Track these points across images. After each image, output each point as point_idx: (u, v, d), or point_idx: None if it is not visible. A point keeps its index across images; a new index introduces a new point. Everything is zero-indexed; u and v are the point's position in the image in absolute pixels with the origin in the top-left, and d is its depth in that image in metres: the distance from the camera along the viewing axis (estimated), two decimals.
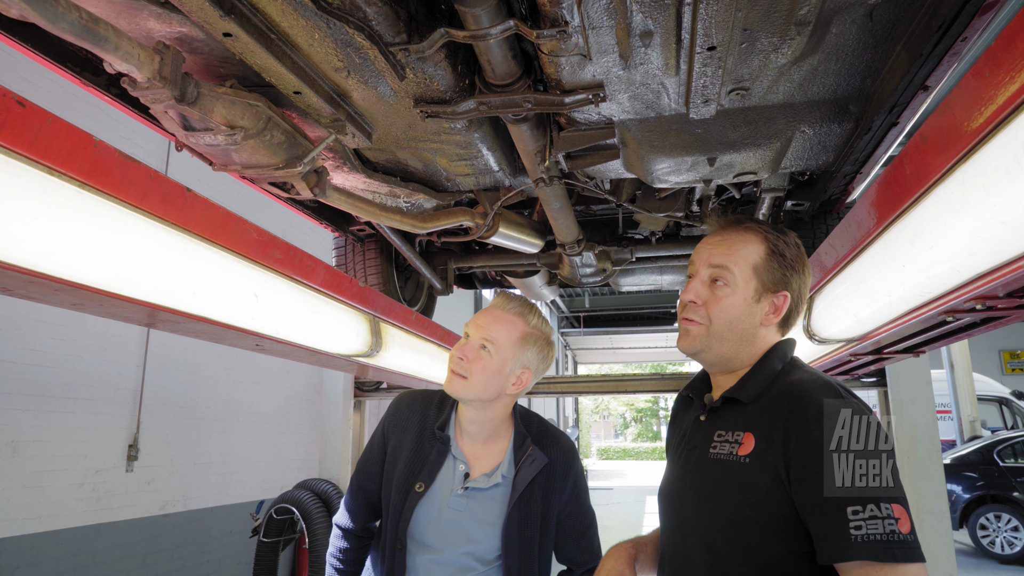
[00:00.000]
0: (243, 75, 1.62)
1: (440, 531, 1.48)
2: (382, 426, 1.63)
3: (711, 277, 1.22)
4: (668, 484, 1.31)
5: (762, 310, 1.21)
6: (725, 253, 1.22)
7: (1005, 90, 0.94)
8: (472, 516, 1.50)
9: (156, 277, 1.41)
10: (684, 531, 1.19)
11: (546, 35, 1.39)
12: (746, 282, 1.20)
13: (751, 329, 1.21)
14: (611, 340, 23.89)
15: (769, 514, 1.06)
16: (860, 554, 0.95)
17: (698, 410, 1.30)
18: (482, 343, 1.52)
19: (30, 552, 4.17)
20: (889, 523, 0.96)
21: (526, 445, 1.57)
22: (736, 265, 1.20)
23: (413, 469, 1.52)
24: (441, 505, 1.50)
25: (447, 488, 1.52)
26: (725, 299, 1.20)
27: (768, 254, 1.21)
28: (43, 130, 1.04)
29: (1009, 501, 8.57)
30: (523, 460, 1.54)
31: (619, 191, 2.61)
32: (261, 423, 6.64)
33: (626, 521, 13.10)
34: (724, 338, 1.21)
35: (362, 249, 3.13)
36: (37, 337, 4.32)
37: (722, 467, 1.14)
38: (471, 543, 1.49)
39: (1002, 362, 16.18)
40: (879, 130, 1.86)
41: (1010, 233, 1.06)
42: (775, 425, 1.09)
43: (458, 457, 1.55)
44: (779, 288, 1.22)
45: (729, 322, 1.20)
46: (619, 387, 3.89)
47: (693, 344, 1.23)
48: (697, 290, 1.23)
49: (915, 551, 0.96)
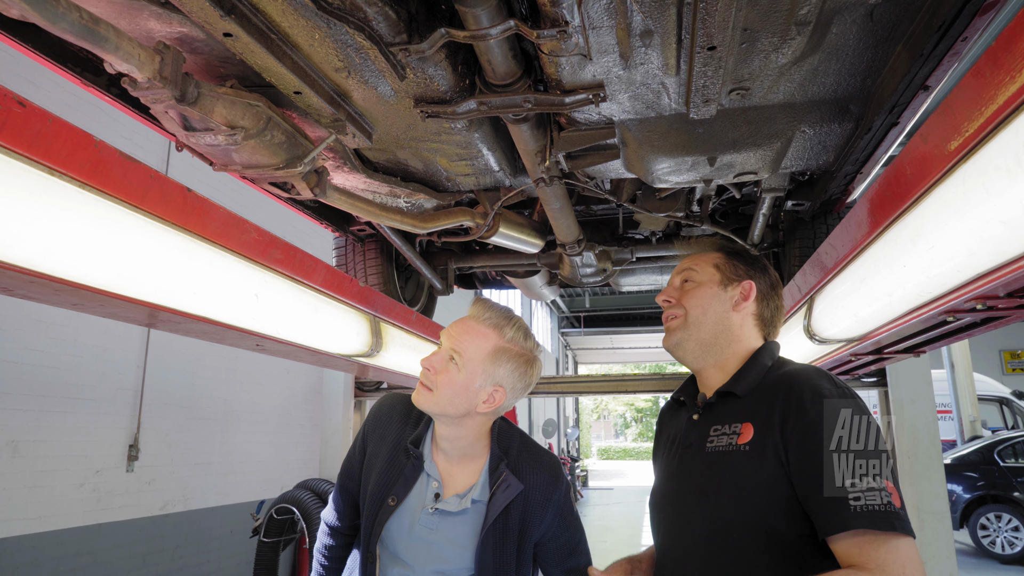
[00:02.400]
0: (243, 75, 1.62)
1: (410, 548, 1.42)
2: (363, 429, 1.58)
3: (681, 279, 1.40)
4: (662, 487, 1.32)
5: (731, 297, 1.33)
6: (690, 262, 1.42)
7: (1005, 90, 0.94)
8: (443, 536, 1.43)
9: (157, 277, 1.41)
10: (685, 528, 1.20)
11: (546, 35, 1.39)
12: (710, 276, 1.36)
13: (724, 314, 1.32)
14: (611, 340, 23.90)
15: (774, 497, 1.08)
16: (859, 523, 0.98)
17: (690, 411, 1.32)
18: (451, 354, 1.42)
19: (31, 552, 4.17)
20: (885, 495, 1.00)
21: (500, 469, 1.45)
22: (699, 266, 1.39)
23: (386, 482, 1.46)
24: (412, 521, 1.43)
25: (419, 504, 1.45)
26: (693, 289, 1.36)
27: (726, 256, 1.39)
28: (44, 130, 1.04)
29: (1010, 501, 8.57)
30: (497, 485, 1.44)
31: (619, 191, 2.61)
32: (262, 423, 6.64)
33: (626, 521, 13.10)
34: (700, 323, 1.32)
35: (362, 249, 3.13)
36: (38, 337, 4.32)
37: (722, 458, 1.16)
38: (441, 563, 1.42)
39: (1003, 362, 16.18)
40: (879, 130, 1.86)
41: (1011, 233, 1.06)
42: (772, 410, 1.14)
43: (431, 475, 1.47)
44: (742, 278, 1.35)
45: (701, 306, 1.33)
46: (619, 387, 3.89)
47: (676, 334, 1.35)
48: (668, 291, 1.41)
49: (908, 525, 1.00)
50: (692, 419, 1.29)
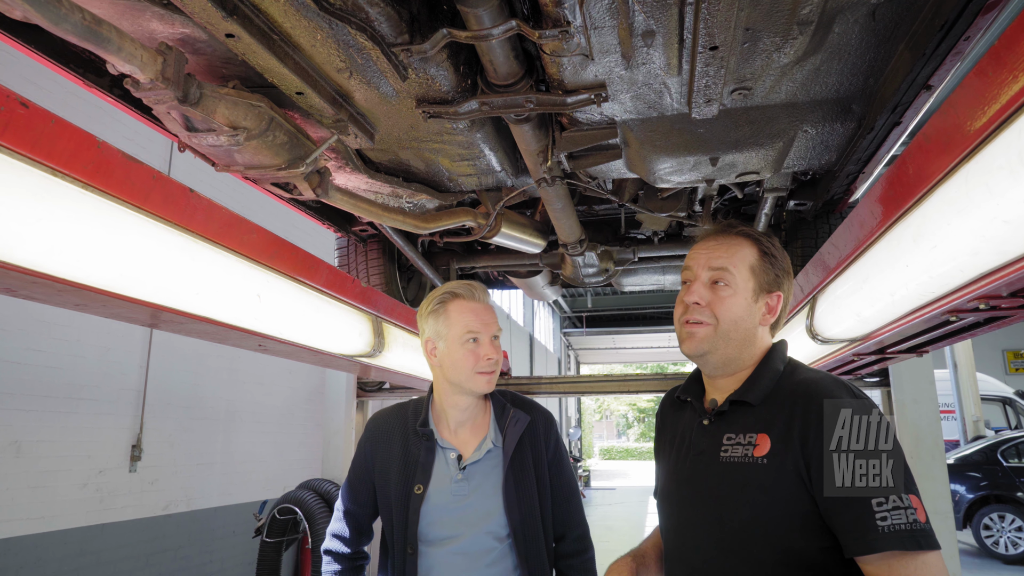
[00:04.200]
0: (245, 76, 1.62)
1: (453, 521, 1.51)
2: (363, 449, 1.65)
3: (711, 279, 1.24)
4: (673, 491, 1.29)
5: (759, 310, 1.24)
6: (724, 256, 1.24)
7: (1008, 89, 0.94)
8: (478, 493, 1.54)
9: (159, 277, 1.42)
10: (699, 536, 1.18)
11: (548, 35, 1.39)
12: (745, 282, 1.23)
13: (752, 329, 1.23)
14: (613, 340, 23.88)
15: (793, 512, 1.07)
16: (888, 544, 0.97)
17: (697, 414, 1.28)
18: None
19: (34, 552, 4.18)
20: (911, 512, 0.99)
21: (507, 410, 1.65)
22: (735, 267, 1.23)
23: (408, 474, 1.55)
24: (446, 498, 1.53)
25: (446, 479, 1.55)
26: (729, 299, 1.22)
27: (761, 256, 1.25)
28: (46, 131, 1.04)
29: (1013, 501, 8.55)
30: (508, 423, 1.62)
31: (621, 191, 2.61)
32: (264, 423, 6.65)
33: (629, 522, 13.08)
34: (730, 338, 1.22)
35: (364, 249, 3.13)
36: (41, 338, 4.33)
37: (738, 470, 1.14)
38: (487, 519, 1.52)
39: (1006, 362, 16.13)
40: (882, 129, 1.85)
41: (1014, 232, 1.06)
42: (791, 424, 1.10)
43: (446, 447, 1.59)
44: (773, 288, 1.25)
45: (734, 321, 1.21)
46: (621, 387, 3.88)
47: (701, 345, 1.23)
48: (700, 292, 1.24)
49: (934, 539, 0.99)
50: (702, 424, 1.25)
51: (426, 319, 1.63)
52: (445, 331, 1.59)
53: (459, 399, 1.61)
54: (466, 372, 1.57)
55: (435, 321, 1.61)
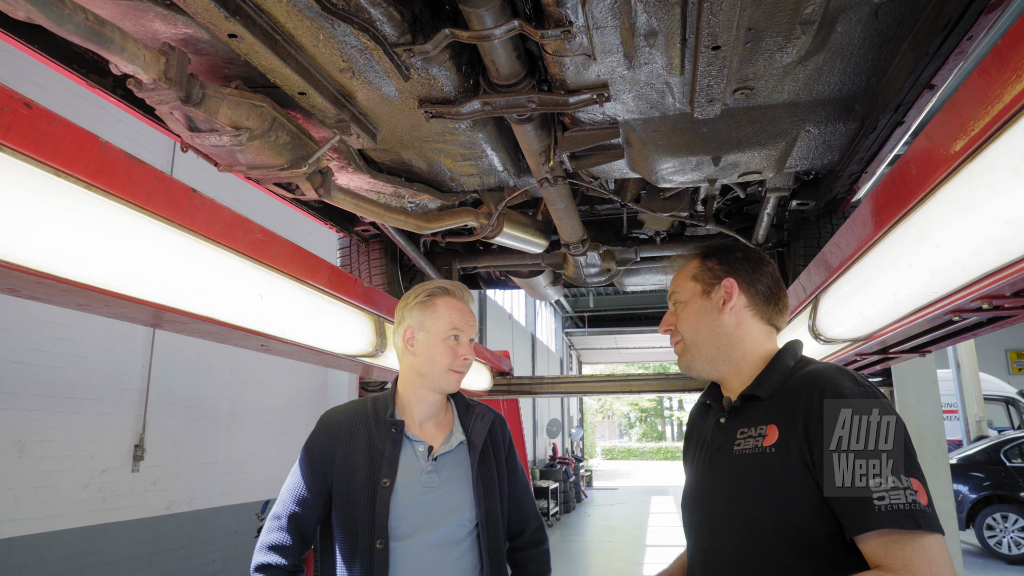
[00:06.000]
0: (248, 76, 1.62)
1: (422, 513, 1.50)
2: (318, 445, 1.59)
3: (672, 305, 1.41)
4: (693, 490, 1.33)
5: (716, 302, 1.32)
6: (674, 282, 1.42)
7: (1011, 88, 0.94)
8: (448, 486, 1.56)
9: (162, 278, 1.42)
10: (717, 530, 1.21)
11: (550, 35, 1.39)
12: (691, 291, 1.36)
13: (714, 323, 1.31)
14: (615, 340, 23.90)
15: (801, 498, 1.09)
16: (883, 522, 0.98)
17: (717, 415, 1.33)
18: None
19: (37, 551, 4.19)
20: (910, 493, 0.99)
21: (472, 407, 1.70)
22: (681, 285, 1.39)
23: (373, 467, 1.53)
24: (415, 490, 1.52)
25: (415, 472, 1.54)
26: (683, 312, 1.36)
27: (701, 262, 1.38)
28: (49, 131, 1.04)
29: (1016, 501, 8.53)
30: (474, 419, 1.67)
31: (623, 191, 2.61)
32: (266, 423, 6.66)
33: (631, 522, 13.08)
34: (697, 341, 1.33)
35: (367, 249, 3.13)
36: (43, 338, 4.34)
37: (749, 461, 1.17)
38: (456, 512, 1.53)
39: (1009, 362, 16.09)
40: (885, 129, 1.85)
41: (1017, 232, 1.05)
42: (795, 413, 1.13)
43: (414, 440, 1.59)
44: (720, 277, 1.33)
45: (693, 326, 1.33)
46: (623, 387, 3.88)
47: (683, 360, 1.36)
48: (666, 320, 1.41)
49: (936, 522, 0.99)
50: (719, 422, 1.30)
51: (411, 309, 1.63)
52: (430, 324, 1.60)
53: (426, 394, 1.63)
54: (440, 367, 1.59)
55: (421, 312, 1.61)
